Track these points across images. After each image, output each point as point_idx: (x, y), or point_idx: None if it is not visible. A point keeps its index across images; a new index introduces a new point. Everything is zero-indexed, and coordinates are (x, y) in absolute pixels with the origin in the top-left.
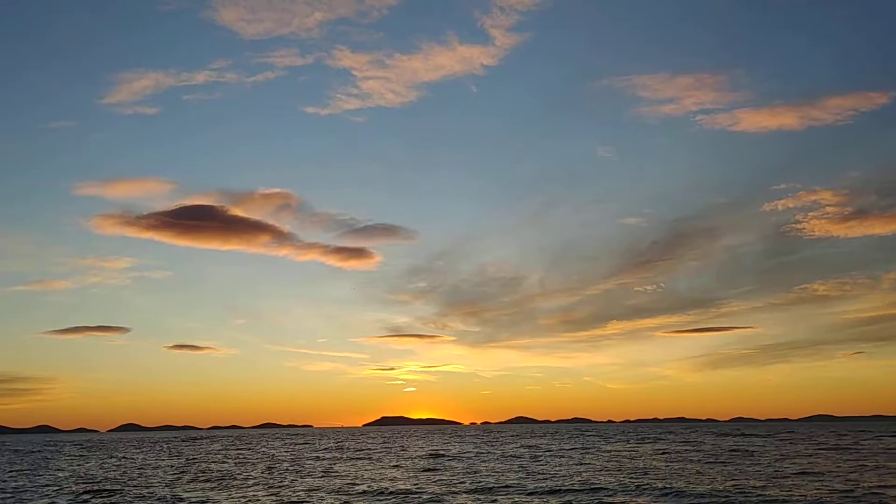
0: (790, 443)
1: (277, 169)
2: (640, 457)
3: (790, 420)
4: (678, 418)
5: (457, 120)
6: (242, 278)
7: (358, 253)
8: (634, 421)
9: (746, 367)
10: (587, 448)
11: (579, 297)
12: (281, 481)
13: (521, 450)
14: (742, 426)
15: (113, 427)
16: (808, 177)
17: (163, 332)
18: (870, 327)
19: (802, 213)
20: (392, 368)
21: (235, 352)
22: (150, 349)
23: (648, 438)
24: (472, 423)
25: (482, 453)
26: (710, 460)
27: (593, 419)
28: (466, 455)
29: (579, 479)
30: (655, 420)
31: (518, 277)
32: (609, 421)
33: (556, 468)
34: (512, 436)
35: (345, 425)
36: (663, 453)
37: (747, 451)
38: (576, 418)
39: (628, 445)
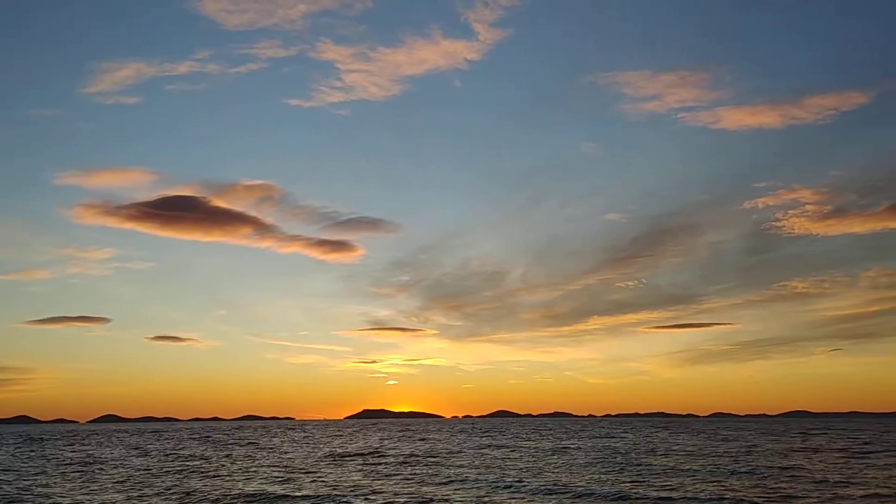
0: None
1: (260, 161)
2: (554, 454)
3: (768, 416)
4: (658, 413)
5: (441, 114)
6: (224, 270)
7: (341, 246)
8: (615, 416)
9: (726, 363)
10: (506, 446)
11: (562, 291)
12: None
13: (442, 446)
14: (720, 421)
15: (93, 418)
16: (789, 175)
17: (144, 324)
18: (848, 325)
19: (783, 211)
20: (374, 361)
21: (217, 343)
22: (131, 340)
23: (604, 434)
24: (453, 417)
25: (389, 451)
26: (617, 457)
27: (574, 413)
28: (381, 452)
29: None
30: (636, 415)
31: (501, 272)
32: (590, 415)
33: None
34: (457, 431)
35: (326, 418)
36: (574, 450)
37: (671, 448)
38: (557, 412)
39: (546, 443)
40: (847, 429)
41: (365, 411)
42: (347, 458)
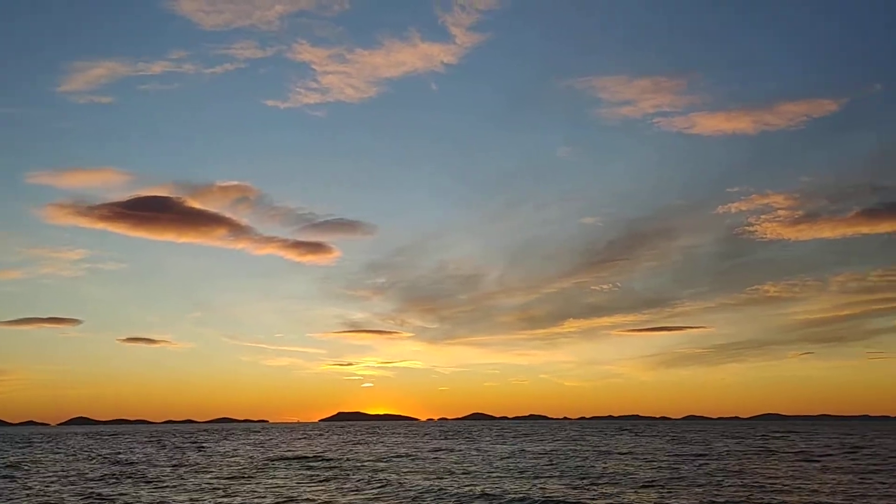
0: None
1: (236, 162)
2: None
3: (741, 418)
4: (632, 416)
5: (418, 117)
6: (199, 271)
7: (316, 248)
8: (590, 418)
9: (699, 366)
10: (462, 449)
11: (537, 294)
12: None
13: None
14: (691, 424)
15: (63, 420)
16: (762, 181)
17: (116, 325)
18: (818, 328)
19: (755, 216)
20: (350, 364)
21: (191, 345)
22: (104, 342)
23: (569, 437)
24: (429, 420)
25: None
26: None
27: (549, 416)
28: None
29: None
30: (610, 417)
31: (477, 275)
32: (565, 418)
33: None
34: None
35: (301, 420)
36: (528, 453)
37: (609, 451)
38: (532, 415)
39: (505, 446)
40: (809, 432)
41: (340, 414)
42: (281, 464)
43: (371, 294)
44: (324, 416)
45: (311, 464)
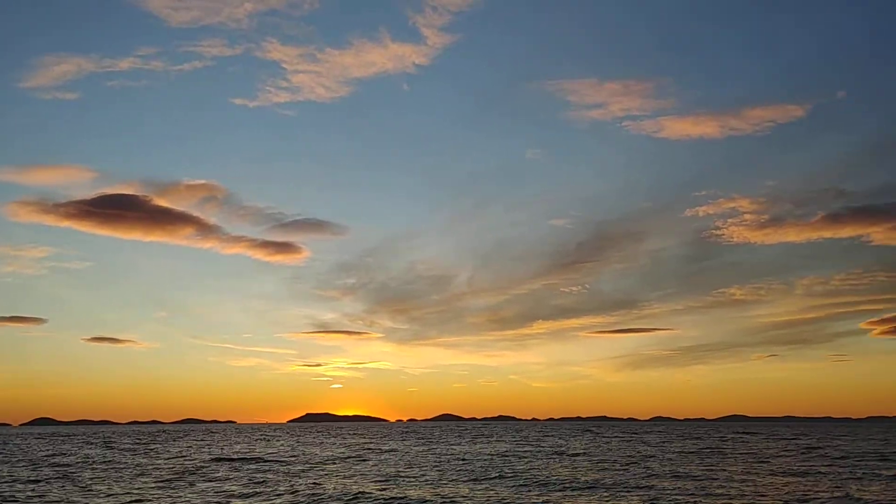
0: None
1: (204, 160)
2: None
3: (707, 419)
4: (600, 417)
5: (388, 117)
6: (165, 270)
7: (285, 247)
8: (559, 419)
9: (666, 367)
10: (400, 450)
11: (507, 296)
12: None
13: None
14: (656, 425)
15: (27, 421)
16: (728, 185)
17: (81, 324)
18: (783, 331)
19: (722, 219)
20: (319, 365)
21: (157, 345)
22: (68, 341)
23: (525, 438)
24: (398, 421)
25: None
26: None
27: (518, 417)
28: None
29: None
30: (578, 418)
31: (447, 276)
32: (533, 419)
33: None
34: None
35: (268, 421)
36: (465, 454)
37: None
38: (501, 416)
39: (460, 447)
40: (768, 434)
41: (308, 415)
42: (219, 466)
43: (340, 294)
44: (292, 417)
45: (250, 466)
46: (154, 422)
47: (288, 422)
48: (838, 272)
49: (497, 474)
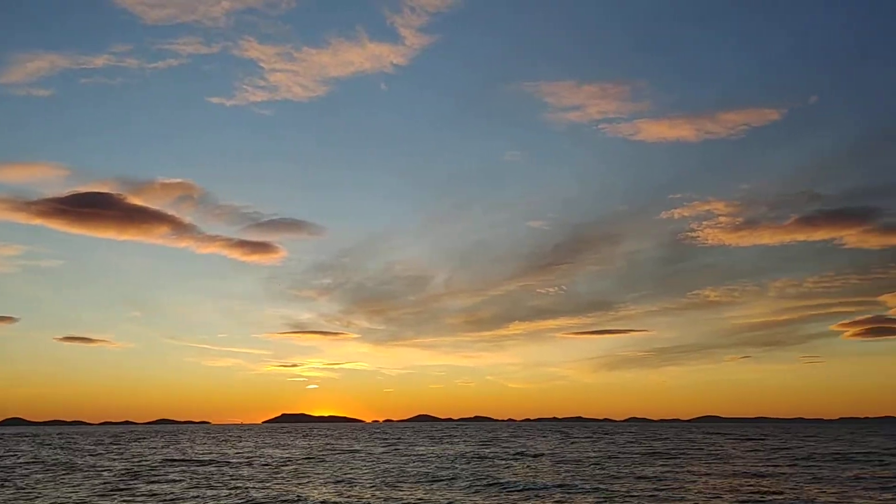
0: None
1: (179, 159)
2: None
3: (681, 420)
4: (576, 417)
5: (366, 117)
6: (140, 270)
7: (262, 247)
8: (534, 420)
9: (641, 368)
10: (358, 451)
11: (484, 297)
12: None
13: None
14: (635, 425)
15: None
16: (704, 187)
17: (53, 324)
18: (757, 333)
19: (697, 222)
20: (295, 365)
21: (131, 345)
22: (40, 341)
23: (490, 439)
24: (374, 421)
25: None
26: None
27: (494, 418)
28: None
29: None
30: (554, 419)
31: (424, 277)
32: (510, 420)
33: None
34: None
35: (243, 422)
36: (420, 455)
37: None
38: (478, 417)
39: (424, 448)
40: (738, 434)
41: (284, 415)
42: (168, 468)
43: (317, 295)
44: (268, 418)
45: (200, 468)
46: (127, 422)
47: (263, 422)
48: (811, 275)
49: (450, 476)
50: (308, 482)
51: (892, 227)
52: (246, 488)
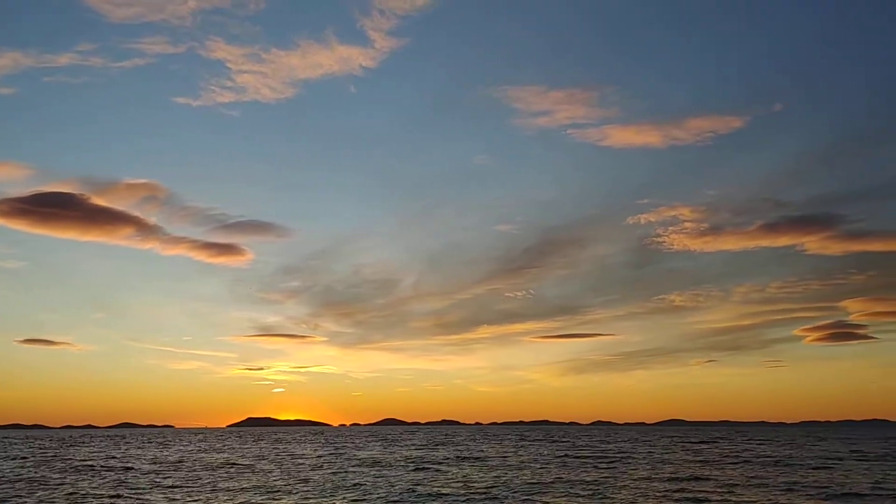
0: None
1: (144, 159)
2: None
3: (647, 424)
4: (543, 421)
5: (335, 119)
6: (103, 271)
7: (228, 249)
8: (501, 424)
9: (608, 372)
10: (299, 454)
11: (452, 300)
12: None
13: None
14: (595, 429)
15: None
16: (669, 193)
17: (13, 326)
18: (721, 337)
19: (663, 227)
20: (261, 368)
21: (94, 348)
22: (0, 343)
23: (454, 442)
24: (341, 425)
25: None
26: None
27: (462, 421)
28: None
29: None
30: (521, 423)
31: (393, 280)
32: (477, 423)
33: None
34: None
35: (208, 426)
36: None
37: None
38: (445, 420)
39: (368, 452)
40: (691, 437)
41: (250, 419)
42: (92, 473)
43: (284, 297)
44: (233, 422)
45: (113, 474)
46: (88, 426)
47: (228, 426)
48: (774, 280)
49: (371, 483)
50: (222, 491)
51: (853, 234)
52: (149, 497)
